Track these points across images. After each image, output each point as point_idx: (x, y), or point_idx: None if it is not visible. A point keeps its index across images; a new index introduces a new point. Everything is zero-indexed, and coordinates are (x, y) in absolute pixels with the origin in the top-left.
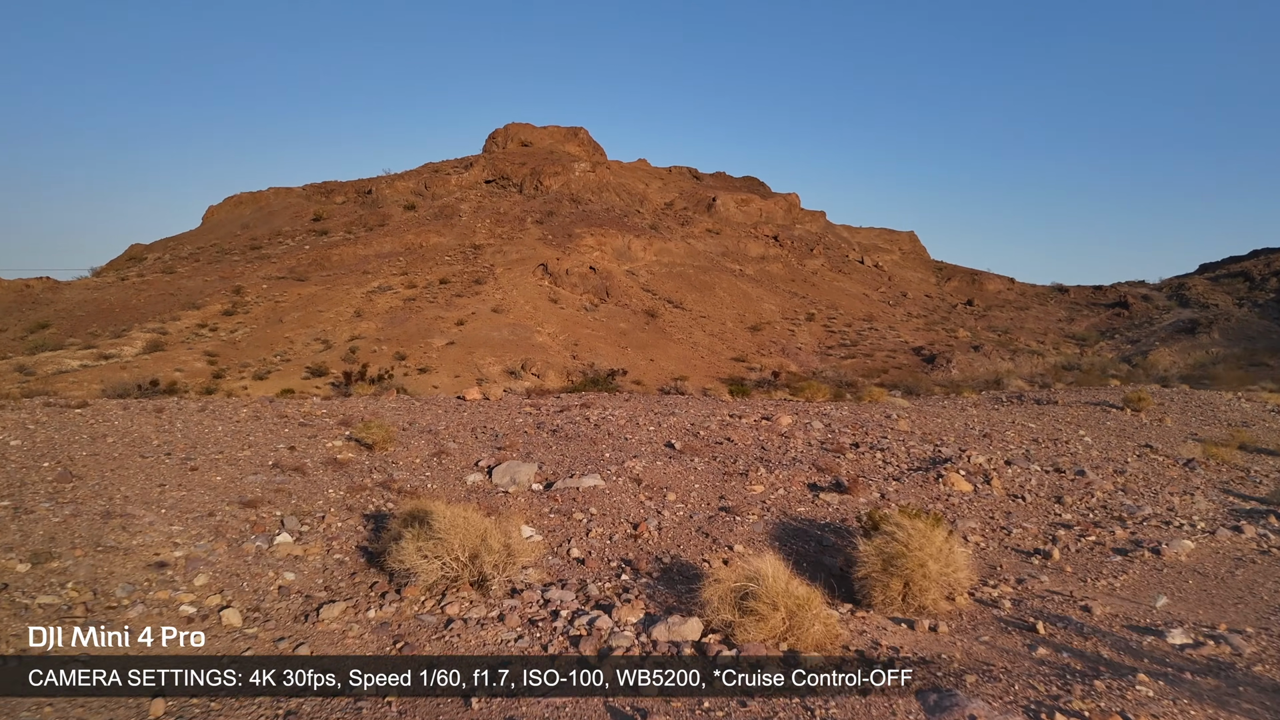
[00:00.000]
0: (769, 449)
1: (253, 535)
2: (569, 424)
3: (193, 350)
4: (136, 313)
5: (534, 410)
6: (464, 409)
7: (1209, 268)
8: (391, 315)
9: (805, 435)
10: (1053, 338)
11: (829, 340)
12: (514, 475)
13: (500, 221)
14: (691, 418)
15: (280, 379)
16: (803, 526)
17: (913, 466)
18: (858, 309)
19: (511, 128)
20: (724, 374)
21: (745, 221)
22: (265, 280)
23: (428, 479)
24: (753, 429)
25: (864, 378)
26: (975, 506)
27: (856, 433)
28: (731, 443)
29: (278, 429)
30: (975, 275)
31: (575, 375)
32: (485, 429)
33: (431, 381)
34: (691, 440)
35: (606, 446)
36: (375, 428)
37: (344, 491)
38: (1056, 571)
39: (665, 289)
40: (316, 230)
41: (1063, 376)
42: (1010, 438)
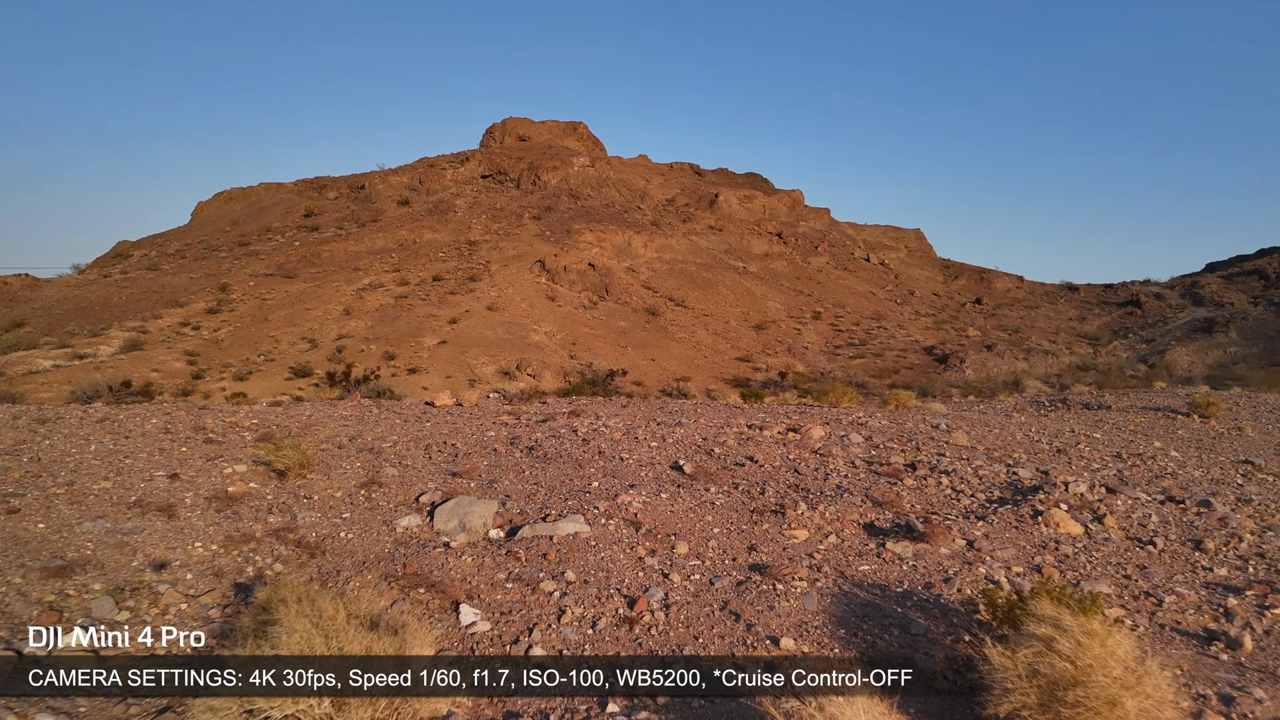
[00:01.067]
0: (804, 473)
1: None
2: (551, 439)
3: (172, 350)
4: (117, 311)
5: (512, 420)
6: (428, 418)
7: (1217, 266)
8: (382, 313)
9: (845, 452)
10: (1065, 337)
11: (836, 340)
12: (464, 517)
13: (496, 217)
14: (702, 430)
15: (262, 380)
16: (873, 598)
17: (993, 497)
18: (865, 307)
19: (509, 122)
20: (729, 374)
21: (748, 218)
22: (253, 277)
23: (344, 524)
24: (779, 444)
25: (875, 378)
26: (1096, 558)
27: (906, 448)
28: (755, 464)
29: (172, 448)
30: (983, 273)
31: (573, 375)
32: (445, 446)
33: (421, 382)
34: (705, 461)
35: (596, 471)
36: (289, 448)
37: (217, 545)
38: (1266, 676)
39: (667, 287)
40: (307, 226)
41: (1080, 377)
42: (1086, 454)
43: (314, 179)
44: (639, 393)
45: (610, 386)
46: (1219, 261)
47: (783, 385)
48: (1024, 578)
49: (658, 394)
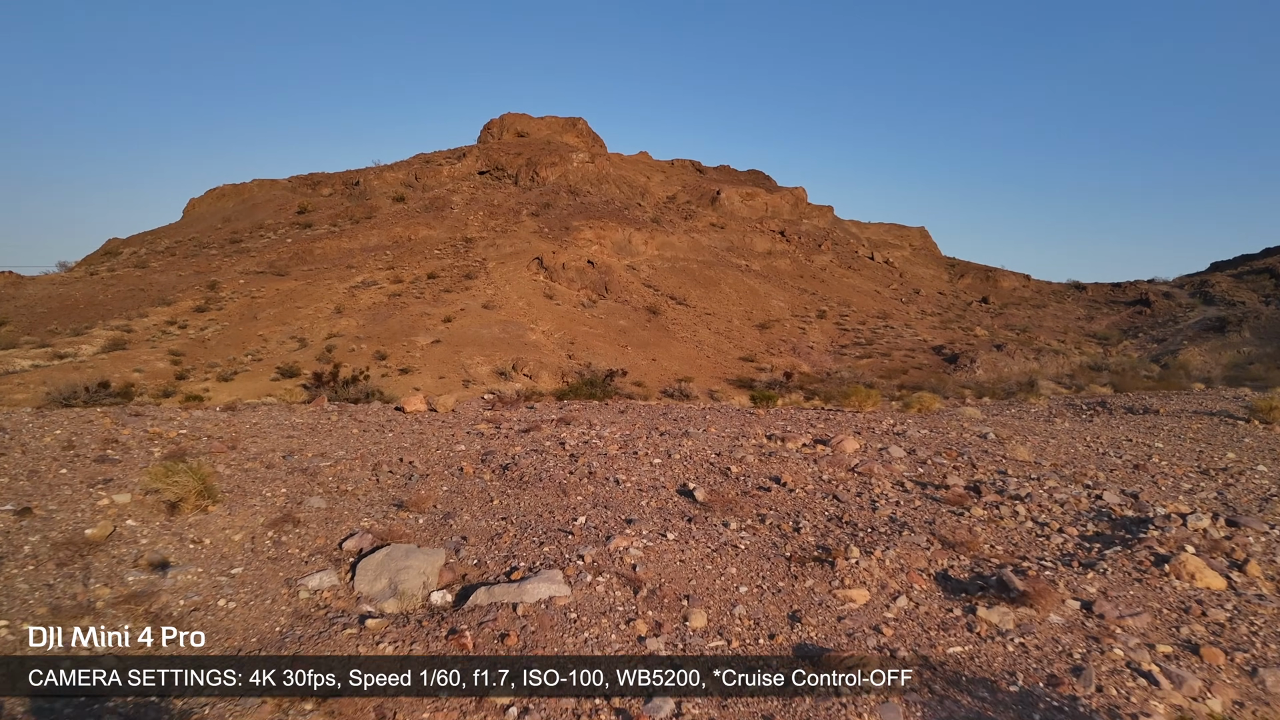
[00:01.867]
0: (845, 500)
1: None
2: (533, 454)
3: (157, 349)
4: (102, 309)
5: (489, 429)
6: (391, 428)
7: (1223, 265)
8: (374, 312)
9: (888, 470)
10: (1074, 336)
11: (842, 339)
12: (397, 575)
13: (494, 214)
14: (714, 442)
15: (248, 380)
16: (982, 709)
17: (1088, 533)
18: (870, 306)
19: (507, 118)
20: (732, 374)
21: (751, 216)
22: (243, 275)
23: (229, 584)
24: (808, 461)
25: (883, 379)
26: (1260, 627)
27: (959, 464)
28: (784, 488)
29: (49, 469)
30: (989, 272)
31: (570, 376)
32: (400, 464)
33: (413, 383)
34: (720, 484)
35: (584, 500)
36: (183, 473)
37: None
38: None
39: (668, 285)
40: (300, 223)
41: (1093, 378)
42: (1166, 469)
43: (308, 175)
44: (639, 393)
45: (609, 387)
46: (1224, 261)
47: (788, 385)
48: (1180, 664)
49: (659, 394)
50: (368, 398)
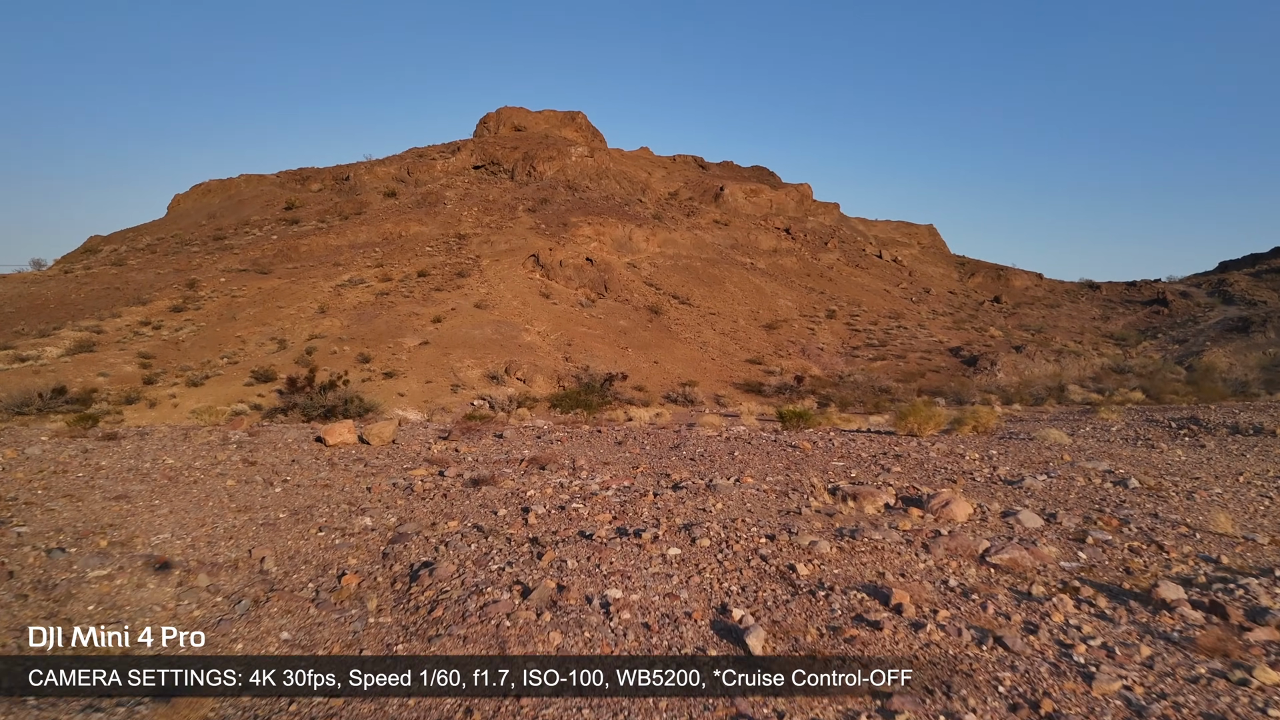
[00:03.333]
0: (1018, 648)
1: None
2: (470, 538)
3: (126, 351)
4: (74, 309)
5: (429, 479)
6: (289, 473)
7: (1234, 264)
8: (360, 311)
9: (1038, 560)
10: (1090, 337)
11: (854, 340)
12: None
13: (489, 209)
14: (756, 505)
15: (219, 385)
16: None
17: None
18: (881, 306)
19: (504, 111)
20: (738, 378)
21: (755, 213)
22: (224, 273)
23: None
24: (912, 546)
25: (900, 382)
26: None
27: (1133, 541)
28: (899, 618)
29: None
30: (1000, 271)
31: (567, 380)
32: (236, 571)
33: (397, 387)
34: (787, 609)
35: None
36: None
37: None
38: None
39: (670, 283)
40: (287, 219)
41: (1121, 381)
42: None
43: (297, 170)
44: (640, 398)
45: (608, 392)
46: (1233, 260)
47: (799, 390)
48: None
49: (661, 399)
50: (345, 405)
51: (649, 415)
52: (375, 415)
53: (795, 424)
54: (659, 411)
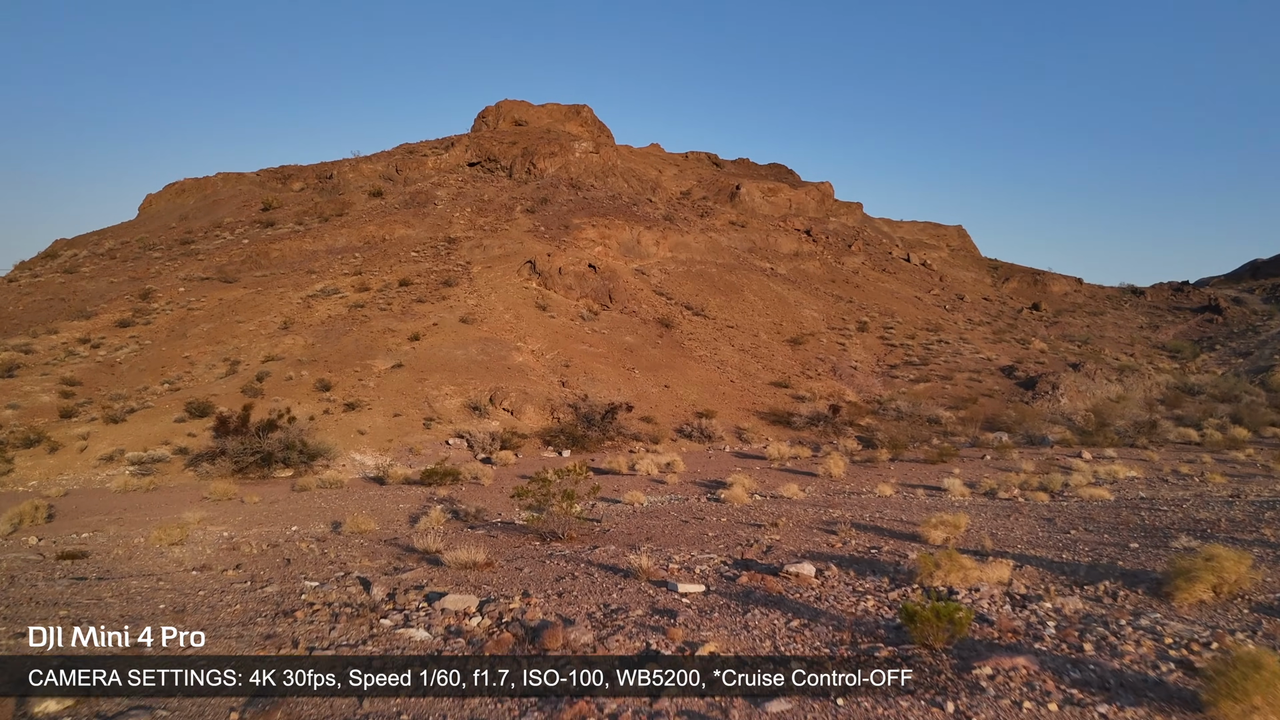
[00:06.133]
0: None
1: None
2: None
3: (49, 377)
4: (9, 324)
5: None
6: None
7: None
8: (328, 327)
9: None
10: (1141, 349)
11: (890, 356)
12: None
13: (483, 210)
14: None
15: (143, 422)
16: None
17: None
18: (915, 316)
19: (504, 105)
20: (763, 405)
21: (773, 214)
22: (184, 282)
23: None
24: None
25: (950, 410)
26: None
27: None
28: None
29: None
30: (1036, 275)
31: (562, 410)
32: None
33: (359, 423)
34: None
35: None
36: None
37: None
38: None
39: (683, 292)
40: (263, 221)
41: (1208, 409)
42: None
43: (278, 168)
44: (648, 433)
45: (610, 427)
46: (1265, 260)
47: (835, 422)
48: None
49: (673, 434)
50: (285, 452)
51: (656, 466)
52: (324, 462)
53: (933, 631)
54: (670, 461)
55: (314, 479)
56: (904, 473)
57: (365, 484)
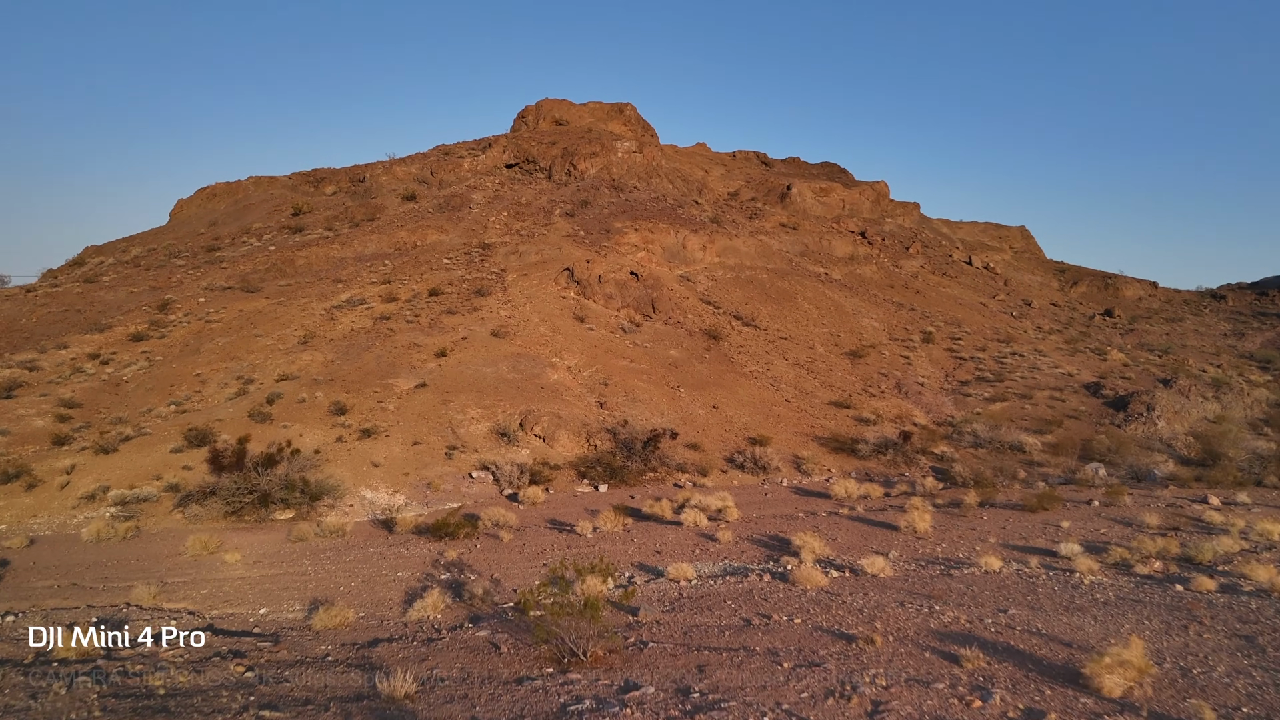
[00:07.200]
0: None
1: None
2: None
3: (48, 398)
4: (19, 337)
5: None
6: None
7: None
8: (350, 342)
9: None
10: (1228, 359)
11: (959, 371)
12: None
13: (520, 214)
14: None
15: (136, 452)
16: None
17: None
18: (982, 325)
19: (545, 104)
20: (823, 429)
21: (826, 215)
22: (205, 292)
23: None
24: None
25: (1034, 434)
26: None
27: None
28: None
29: None
30: (1107, 279)
31: (599, 436)
32: None
33: (374, 453)
34: None
35: None
36: None
37: None
38: None
39: (731, 300)
40: (292, 227)
41: None
42: None
43: (311, 171)
44: (694, 462)
45: (653, 457)
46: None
47: (905, 450)
48: None
49: (722, 464)
50: (285, 491)
51: (705, 513)
52: (329, 501)
53: None
54: (721, 507)
55: (313, 526)
56: (1002, 525)
57: (371, 530)
